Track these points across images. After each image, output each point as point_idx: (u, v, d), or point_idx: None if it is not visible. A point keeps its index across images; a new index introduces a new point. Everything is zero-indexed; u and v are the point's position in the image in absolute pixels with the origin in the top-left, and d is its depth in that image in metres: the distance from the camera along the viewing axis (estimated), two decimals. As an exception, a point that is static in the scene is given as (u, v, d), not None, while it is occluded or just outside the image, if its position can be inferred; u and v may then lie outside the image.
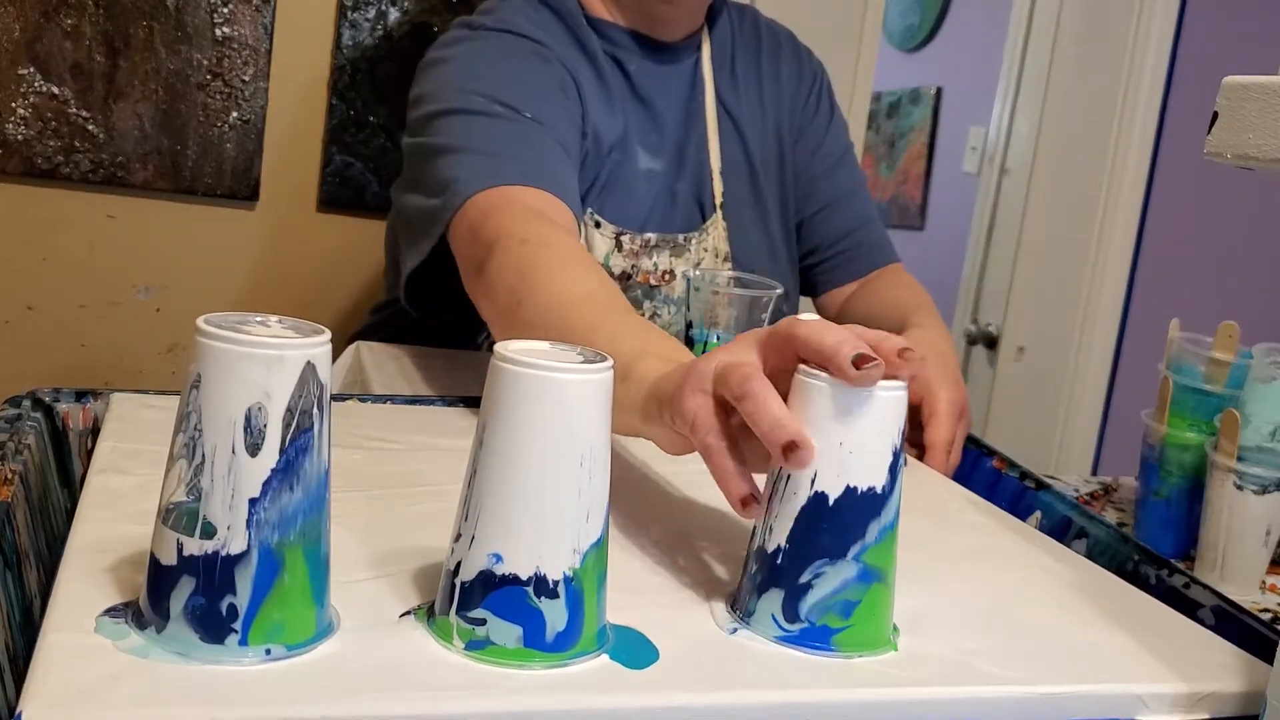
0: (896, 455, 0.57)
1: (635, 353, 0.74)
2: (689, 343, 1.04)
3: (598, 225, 1.18)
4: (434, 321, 1.21)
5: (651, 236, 1.20)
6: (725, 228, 1.26)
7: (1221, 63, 1.29)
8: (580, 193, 1.12)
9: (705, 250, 1.24)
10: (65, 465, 0.79)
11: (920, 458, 0.97)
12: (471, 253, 0.97)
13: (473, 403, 0.92)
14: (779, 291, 1.01)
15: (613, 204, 1.19)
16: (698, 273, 1.04)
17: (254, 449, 0.48)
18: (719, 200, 1.27)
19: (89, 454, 0.77)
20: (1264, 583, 1.00)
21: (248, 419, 0.47)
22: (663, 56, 1.25)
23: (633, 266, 1.19)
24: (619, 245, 1.18)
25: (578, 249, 0.94)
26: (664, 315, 1.22)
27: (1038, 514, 0.89)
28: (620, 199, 1.19)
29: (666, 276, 1.21)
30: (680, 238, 1.23)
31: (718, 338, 1.02)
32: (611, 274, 1.18)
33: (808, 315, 0.65)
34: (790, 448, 0.55)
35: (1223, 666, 0.61)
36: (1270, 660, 0.55)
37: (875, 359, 0.55)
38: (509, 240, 0.93)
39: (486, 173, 1.01)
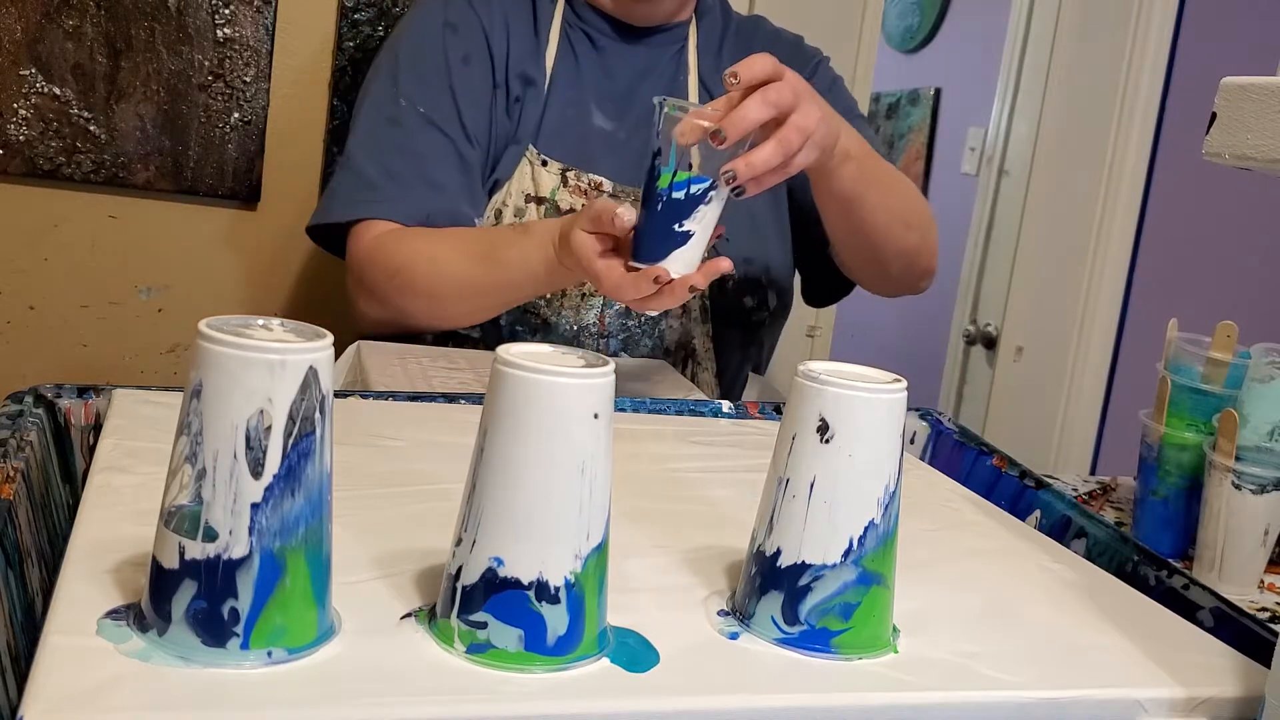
0: (897, 457, 0.57)
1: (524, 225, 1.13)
2: (653, 173, 0.94)
3: (544, 164, 1.25)
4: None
5: (603, 181, 1.26)
6: None
7: (1220, 63, 1.29)
8: (511, 130, 1.26)
9: None
10: (67, 461, 0.79)
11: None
12: (349, 260, 1.22)
13: (474, 399, 0.93)
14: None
15: (561, 148, 1.26)
16: (671, 99, 0.94)
17: (256, 454, 0.48)
18: (695, 171, 1.30)
19: (91, 450, 0.77)
20: (1262, 582, 1.00)
21: (250, 424, 0.47)
22: (637, 38, 1.31)
23: (584, 207, 1.23)
24: (565, 180, 1.25)
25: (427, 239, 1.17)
26: None
27: (1037, 513, 0.89)
28: (570, 144, 1.27)
29: None
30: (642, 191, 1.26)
31: (689, 165, 0.93)
32: (558, 209, 1.25)
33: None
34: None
35: (1221, 670, 0.61)
36: (1268, 663, 0.56)
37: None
38: (384, 273, 1.18)
39: (366, 201, 1.21)
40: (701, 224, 0.94)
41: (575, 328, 1.25)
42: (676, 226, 0.93)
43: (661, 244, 0.94)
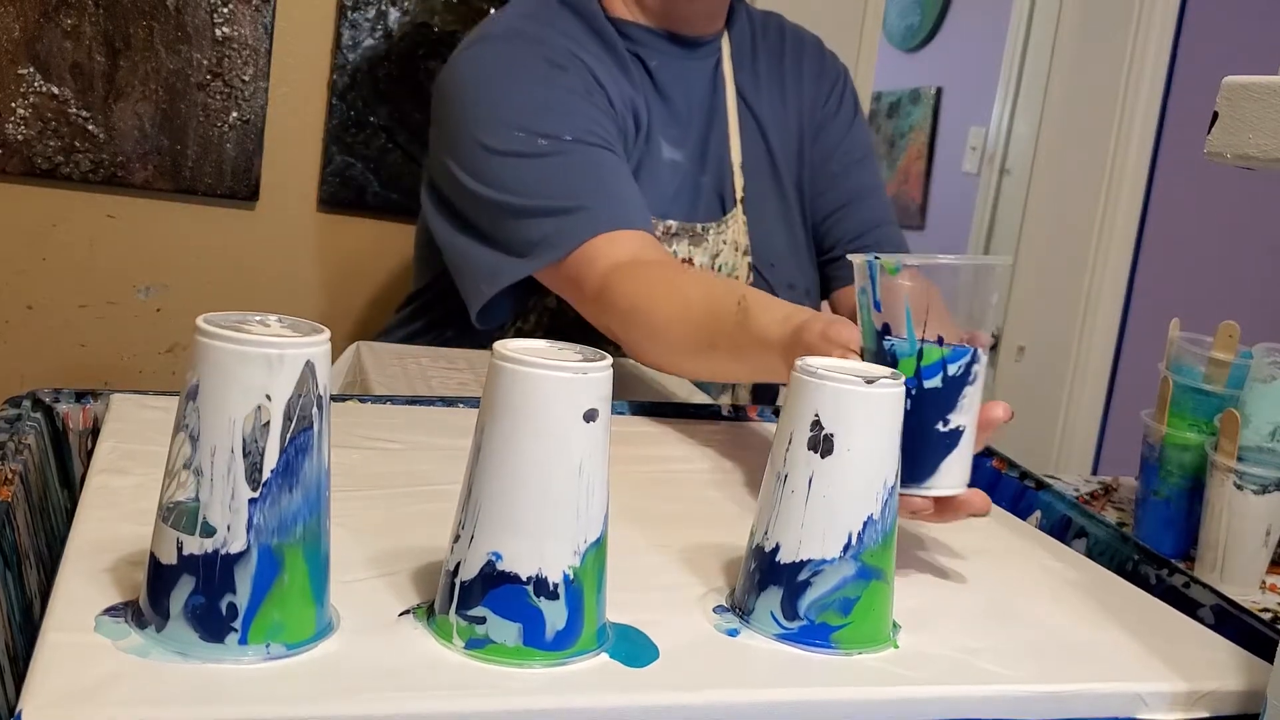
0: (895, 453, 0.57)
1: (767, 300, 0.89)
2: (889, 358, 0.67)
3: None
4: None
5: (672, 224, 1.23)
6: (745, 221, 1.28)
7: (1221, 63, 1.29)
8: None
9: (724, 242, 1.26)
10: (65, 465, 0.79)
11: None
12: (580, 298, 1.09)
13: (472, 403, 0.92)
14: (1008, 260, 0.71)
15: (642, 189, 1.20)
16: (885, 256, 0.68)
17: (253, 450, 0.48)
18: (739, 195, 1.28)
19: (89, 454, 0.77)
20: (1264, 582, 1.00)
21: (247, 420, 0.47)
22: (684, 53, 1.27)
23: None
24: None
25: (667, 271, 1.04)
26: None
27: (1037, 513, 0.89)
28: (644, 186, 1.20)
29: (685, 264, 1.23)
30: (699, 227, 1.25)
31: (940, 340, 0.67)
32: None
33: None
34: None
35: (1223, 665, 0.61)
36: (1270, 659, 0.55)
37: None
38: (611, 301, 1.04)
39: (567, 234, 1.07)
40: (970, 414, 0.67)
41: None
42: (941, 426, 0.66)
43: (928, 457, 0.67)
